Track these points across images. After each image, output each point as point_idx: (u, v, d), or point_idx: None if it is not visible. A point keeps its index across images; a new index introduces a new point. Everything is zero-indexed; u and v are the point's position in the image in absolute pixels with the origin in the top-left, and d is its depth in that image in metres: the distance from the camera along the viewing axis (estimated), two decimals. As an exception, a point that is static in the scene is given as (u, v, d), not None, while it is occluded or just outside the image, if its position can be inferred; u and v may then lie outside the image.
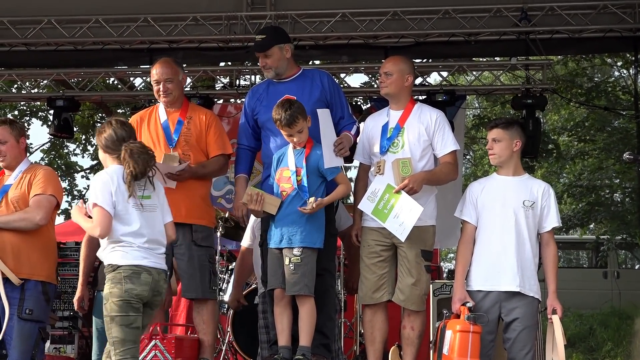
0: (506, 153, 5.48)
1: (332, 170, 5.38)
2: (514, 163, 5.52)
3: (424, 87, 9.96)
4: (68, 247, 8.52)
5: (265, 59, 5.76)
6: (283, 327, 5.37)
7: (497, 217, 5.40)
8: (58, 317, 7.93)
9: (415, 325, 5.62)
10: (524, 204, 5.39)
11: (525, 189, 5.45)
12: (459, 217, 5.62)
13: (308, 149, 5.43)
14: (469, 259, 5.45)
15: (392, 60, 5.82)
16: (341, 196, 5.62)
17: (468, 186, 5.72)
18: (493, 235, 5.39)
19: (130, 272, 4.64)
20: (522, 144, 5.53)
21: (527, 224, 5.38)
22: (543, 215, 5.43)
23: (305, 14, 9.49)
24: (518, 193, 5.43)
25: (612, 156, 16.29)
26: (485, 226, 5.44)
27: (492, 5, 9.23)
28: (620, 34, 9.26)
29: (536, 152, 10.71)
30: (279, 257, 5.34)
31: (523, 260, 5.34)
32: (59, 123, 10.26)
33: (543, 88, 9.71)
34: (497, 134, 5.48)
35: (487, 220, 5.43)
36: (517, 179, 5.51)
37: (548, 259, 5.44)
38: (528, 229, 5.38)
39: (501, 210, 5.40)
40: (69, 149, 18.79)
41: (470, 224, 5.50)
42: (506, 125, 5.51)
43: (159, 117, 5.86)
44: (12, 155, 5.59)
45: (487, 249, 5.40)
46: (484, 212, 5.45)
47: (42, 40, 9.73)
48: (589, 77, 17.48)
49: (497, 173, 5.60)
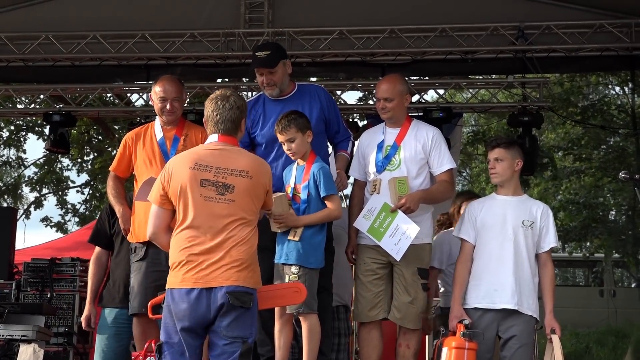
0: (508, 173, 5.51)
1: (327, 189, 5.35)
2: (514, 183, 5.55)
3: (420, 104, 9.98)
4: (63, 263, 8.47)
5: (271, 76, 5.66)
6: (280, 345, 5.34)
7: (497, 236, 5.42)
8: (52, 333, 7.88)
9: (411, 343, 5.61)
10: (524, 224, 5.42)
11: (525, 209, 5.48)
12: (457, 236, 5.63)
13: (309, 165, 5.42)
14: (467, 277, 5.46)
15: (388, 84, 5.75)
16: (320, 220, 5.37)
17: (467, 205, 5.72)
18: (492, 253, 5.41)
19: None
20: (522, 163, 5.57)
21: (527, 243, 5.40)
22: (542, 235, 5.47)
23: (302, 31, 9.52)
24: (518, 213, 5.45)
25: (607, 174, 16.33)
26: (484, 245, 5.46)
27: (489, 24, 9.27)
28: (617, 52, 9.30)
29: (533, 169, 10.75)
30: (282, 273, 5.32)
31: (521, 279, 5.36)
32: (55, 138, 10.26)
33: (539, 106, 9.74)
34: (499, 154, 5.50)
35: (486, 239, 5.45)
36: (517, 199, 5.53)
37: (546, 279, 5.47)
38: (527, 249, 5.41)
39: (501, 230, 5.42)
40: (63, 164, 18.77)
41: (469, 242, 5.51)
42: (508, 145, 5.54)
43: (154, 134, 5.83)
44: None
45: (486, 267, 5.42)
46: (483, 231, 5.47)
47: (39, 56, 9.74)
48: (584, 96, 17.55)
49: (496, 193, 5.62)
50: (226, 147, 4.70)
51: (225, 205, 4.55)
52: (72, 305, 8.15)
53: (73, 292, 8.22)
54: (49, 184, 18.78)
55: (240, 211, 4.57)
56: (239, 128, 4.79)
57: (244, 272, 4.50)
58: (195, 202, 4.56)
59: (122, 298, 6.15)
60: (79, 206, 18.95)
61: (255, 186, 4.64)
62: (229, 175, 4.59)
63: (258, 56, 5.72)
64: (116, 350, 6.26)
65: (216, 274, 4.45)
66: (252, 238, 4.60)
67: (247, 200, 4.60)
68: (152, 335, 5.20)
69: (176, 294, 4.49)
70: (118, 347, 6.26)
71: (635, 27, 9.13)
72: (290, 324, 5.34)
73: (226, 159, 4.64)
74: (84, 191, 19.04)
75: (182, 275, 4.49)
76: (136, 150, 5.76)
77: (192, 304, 4.45)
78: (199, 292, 4.44)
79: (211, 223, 4.54)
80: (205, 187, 4.56)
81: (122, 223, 5.75)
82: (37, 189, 18.78)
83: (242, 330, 4.47)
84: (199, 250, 4.50)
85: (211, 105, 4.79)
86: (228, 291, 4.42)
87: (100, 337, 6.32)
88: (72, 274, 8.30)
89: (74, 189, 19.15)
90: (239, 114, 4.77)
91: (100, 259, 6.41)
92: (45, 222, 18.65)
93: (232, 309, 4.43)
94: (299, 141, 5.34)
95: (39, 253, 9.47)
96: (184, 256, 4.53)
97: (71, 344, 8.11)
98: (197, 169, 4.59)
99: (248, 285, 4.50)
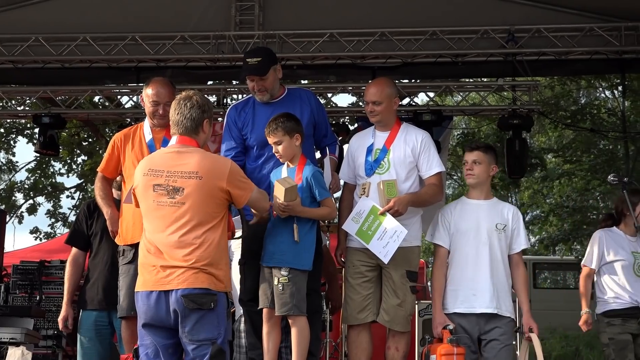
0: (484, 176, 5.60)
1: (322, 192, 5.36)
2: (486, 187, 5.66)
3: (411, 107, 9.99)
4: (52, 266, 8.48)
5: (262, 82, 5.63)
6: (269, 348, 5.33)
7: (472, 240, 5.48)
8: (41, 336, 7.87)
9: (400, 346, 5.61)
10: (497, 227, 5.50)
11: (497, 212, 5.56)
12: (431, 241, 5.68)
13: (300, 168, 5.41)
14: (444, 283, 5.52)
15: (377, 87, 5.74)
16: (320, 216, 5.47)
17: (440, 210, 5.75)
18: (468, 258, 5.47)
19: None
20: (496, 170, 5.70)
21: (501, 246, 5.48)
22: (513, 237, 5.55)
23: (293, 34, 9.53)
24: (491, 216, 5.53)
25: (597, 177, 16.37)
26: (460, 249, 5.51)
27: (480, 27, 9.30)
28: (607, 56, 9.34)
29: (523, 172, 10.77)
30: (269, 276, 5.31)
31: (498, 282, 5.43)
32: (45, 140, 10.23)
33: (529, 109, 9.76)
34: (478, 156, 5.57)
35: (461, 243, 5.51)
36: (488, 203, 5.61)
37: (519, 280, 5.57)
38: (501, 251, 5.48)
39: (476, 234, 5.48)
40: (55, 168, 18.72)
41: (443, 247, 5.58)
42: (486, 149, 5.64)
43: (144, 135, 5.79)
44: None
45: (463, 272, 5.47)
46: (457, 235, 5.53)
47: (29, 58, 9.72)
48: (574, 100, 17.61)
49: (467, 197, 5.69)
50: (181, 149, 4.70)
51: (177, 209, 4.56)
52: (61, 307, 8.12)
53: (62, 294, 8.16)
54: (43, 191, 18.73)
55: (193, 213, 4.56)
56: (200, 128, 4.76)
57: (201, 274, 4.50)
58: (150, 207, 4.62)
59: (101, 300, 6.16)
60: (68, 212, 18.92)
61: (207, 186, 4.60)
62: (179, 178, 4.60)
63: (249, 63, 5.69)
64: (99, 351, 6.25)
65: (172, 277, 4.48)
66: (212, 238, 4.58)
67: (199, 202, 4.58)
68: (141, 338, 5.20)
69: (139, 297, 4.58)
70: (100, 348, 6.25)
71: (625, 30, 9.17)
72: (279, 326, 5.33)
73: (177, 161, 4.64)
74: (74, 196, 19.03)
75: (143, 279, 4.58)
76: (125, 152, 5.73)
77: (152, 307, 4.51)
78: (158, 295, 4.50)
79: (165, 227, 4.56)
80: (157, 192, 4.60)
81: (110, 225, 5.72)
82: (31, 196, 18.73)
83: (208, 332, 4.48)
84: (156, 255, 4.55)
85: (174, 106, 4.81)
86: (183, 294, 4.45)
87: (82, 339, 6.30)
88: (61, 276, 8.28)
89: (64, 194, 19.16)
90: (200, 113, 4.74)
91: (77, 260, 6.39)
92: (35, 234, 18.68)
93: (191, 312, 4.45)
94: (286, 144, 5.34)
95: (28, 255, 9.47)
96: (144, 260, 4.61)
97: (60, 346, 8.11)
98: (150, 174, 4.65)
99: (207, 287, 4.49)
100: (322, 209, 5.37)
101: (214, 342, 4.47)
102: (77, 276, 6.39)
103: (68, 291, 6.37)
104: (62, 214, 18.96)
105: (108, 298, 6.02)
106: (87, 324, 6.26)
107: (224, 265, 4.63)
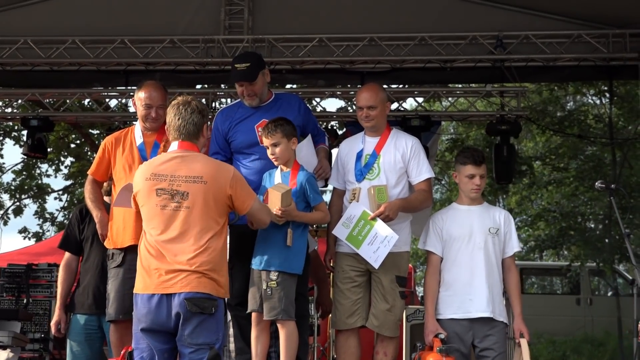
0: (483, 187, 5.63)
1: (316, 197, 5.38)
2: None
3: (399, 112, 10.01)
4: (40, 269, 8.43)
5: (251, 87, 5.66)
6: (257, 352, 5.33)
7: (466, 246, 5.47)
8: (29, 340, 7.84)
9: (389, 351, 5.62)
10: (490, 232, 5.50)
11: (489, 216, 5.56)
12: (423, 249, 5.67)
13: (294, 172, 5.43)
14: (437, 290, 5.50)
15: (370, 92, 5.74)
16: (315, 221, 5.58)
17: (431, 217, 5.75)
18: (463, 264, 5.46)
19: None
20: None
21: (495, 250, 5.48)
22: (506, 241, 5.55)
23: (282, 39, 9.52)
24: (484, 221, 5.52)
25: (584, 184, 16.44)
26: (454, 255, 5.50)
27: (468, 33, 9.32)
28: (594, 62, 9.38)
29: (510, 178, 10.80)
30: (259, 280, 5.31)
31: (493, 286, 5.43)
32: (33, 143, 10.20)
33: (517, 115, 9.79)
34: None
35: (455, 249, 5.50)
36: (480, 208, 5.61)
37: (512, 284, 5.57)
38: (495, 256, 5.49)
39: (470, 239, 5.48)
40: (41, 169, 18.66)
41: (436, 254, 5.56)
42: (483, 161, 5.59)
43: (134, 139, 5.78)
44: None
45: (458, 277, 5.46)
46: (450, 241, 5.52)
47: (17, 61, 9.68)
48: (561, 106, 17.68)
49: (457, 203, 5.68)
50: (184, 154, 4.73)
51: (181, 213, 4.58)
52: (48, 311, 8.11)
53: (49, 297, 8.18)
54: (29, 192, 18.66)
55: (198, 218, 4.59)
56: (200, 132, 4.82)
57: (203, 278, 4.53)
58: (153, 211, 4.63)
59: (92, 304, 6.14)
60: (57, 214, 18.86)
61: (212, 190, 4.63)
62: (183, 182, 4.62)
63: (237, 69, 5.72)
64: (88, 355, 6.24)
65: (175, 280, 4.50)
66: (215, 244, 4.61)
67: (204, 206, 4.61)
68: (129, 342, 5.19)
69: (139, 299, 4.58)
70: (90, 353, 6.24)
71: (612, 37, 9.20)
72: (267, 330, 5.34)
73: (181, 166, 4.67)
74: (62, 198, 18.96)
75: (144, 282, 4.58)
76: (115, 155, 5.72)
77: (152, 310, 4.52)
78: (159, 298, 4.51)
79: (168, 231, 4.58)
80: (161, 196, 4.62)
81: (100, 229, 5.72)
82: (17, 197, 18.66)
83: (207, 336, 4.52)
84: (159, 257, 4.55)
85: (173, 111, 4.83)
86: (186, 298, 4.46)
87: (72, 343, 6.29)
88: (49, 279, 8.28)
89: (52, 196, 19.08)
90: (200, 118, 4.80)
91: (70, 264, 6.37)
92: (23, 233, 18.60)
93: (192, 316, 4.47)
94: (284, 147, 5.37)
95: (15, 258, 9.42)
96: (145, 262, 4.60)
97: (47, 350, 8.07)
98: (153, 178, 4.66)
99: (210, 292, 4.52)
100: (316, 214, 5.43)
101: (212, 346, 4.51)
102: (70, 281, 6.37)
103: (61, 295, 6.35)
104: (51, 214, 18.89)
105: (98, 302, 6.00)
106: (77, 328, 6.24)
107: (225, 272, 4.66)
